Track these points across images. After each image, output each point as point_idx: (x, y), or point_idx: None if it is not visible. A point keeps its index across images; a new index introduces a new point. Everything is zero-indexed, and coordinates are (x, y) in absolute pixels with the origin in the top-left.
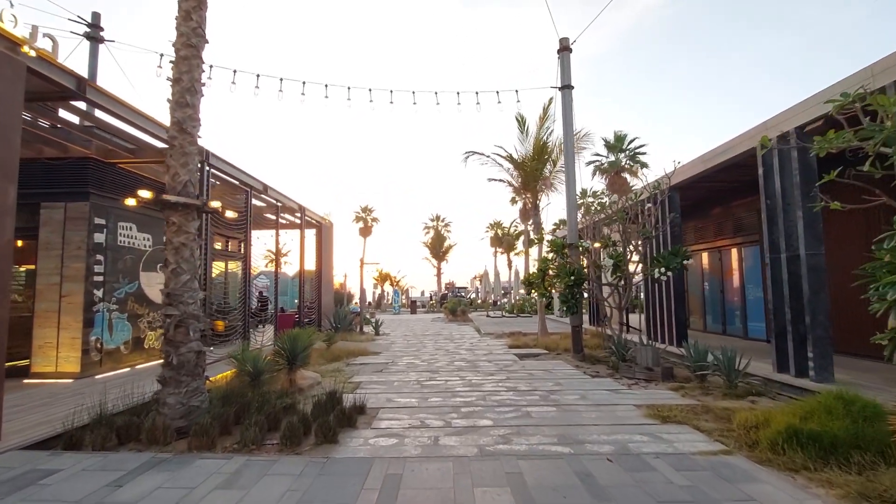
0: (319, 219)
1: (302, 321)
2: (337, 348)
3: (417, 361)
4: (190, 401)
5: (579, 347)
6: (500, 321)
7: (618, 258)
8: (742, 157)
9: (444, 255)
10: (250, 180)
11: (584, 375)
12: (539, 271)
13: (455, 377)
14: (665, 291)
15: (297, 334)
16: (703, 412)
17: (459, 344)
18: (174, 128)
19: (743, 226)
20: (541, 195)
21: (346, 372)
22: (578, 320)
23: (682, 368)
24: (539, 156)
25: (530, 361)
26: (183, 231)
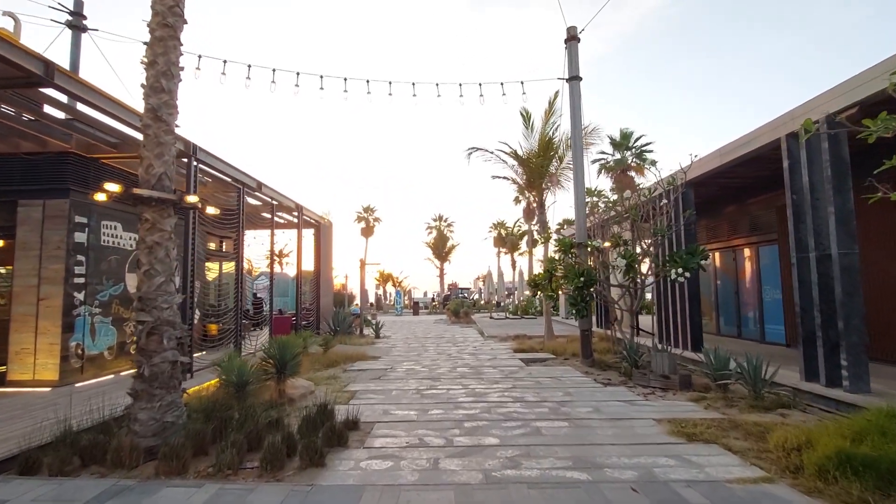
0: (318, 218)
1: (299, 324)
2: (334, 353)
3: (418, 367)
4: (164, 416)
5: (589, 352)
6: (504, 323)
7: (631, 258)
8: (764, 150)
9: (446, 256)
10: (242, 177)
11: (596, 384)
12: (546, 272)
13: (457, 385)
14: (679, 293)
15: (286, 341)
16: (731, 428)
17: (462, 348)
18: (148, 115)
19: (759, 224)
20: (546, 193)
21: (342, 379)
22: (588, 324)
23: (700, 376)
24: (544, 152)
25: (537, 367)
26: (157, 229)
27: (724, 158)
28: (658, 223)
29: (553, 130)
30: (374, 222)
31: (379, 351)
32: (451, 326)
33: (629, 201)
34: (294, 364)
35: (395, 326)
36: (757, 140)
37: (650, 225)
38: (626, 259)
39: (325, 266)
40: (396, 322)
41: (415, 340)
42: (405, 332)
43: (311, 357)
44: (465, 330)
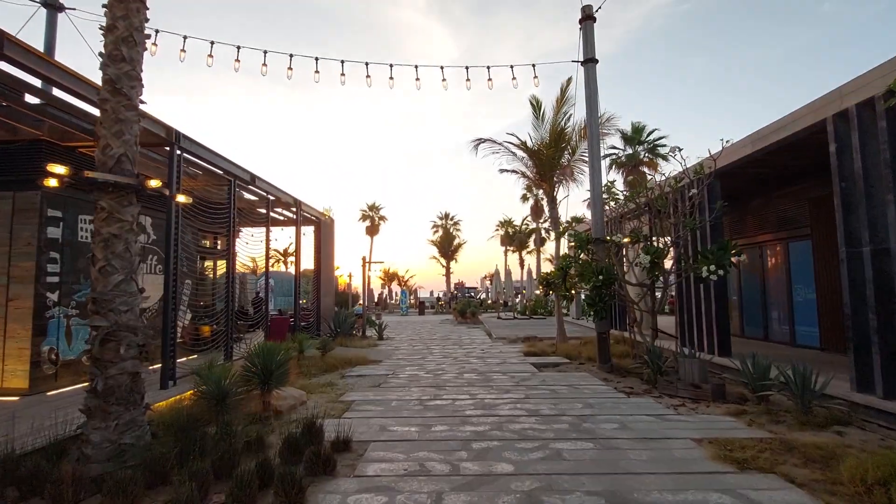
0: (318, 214)
1: (298, 325)
2: (333, 357)
3: (422, 373)
4: (121, 438)
5: (606, 357)
6: (512, 323)
7: (656, 254)
8: (803, 135)
9: (453, 255)
10: (234, 168)
11: (617, 393)
12: (559, 270)
13: (464, 395)
14: (704, 292)
15: (272, 346)
16: (784, 450)
17: (469, 350)
18: (106, 87)
19: (789, 218)
20: (558, 187)
21: (338, 387)
22: (606, 326)
23: (734, 384)
24: (556, 143)
25: (550, 373)
26: (115, 218)
27: (756, 145)
28: (685, 216)
29: (565, 120)
30: (380, 221)
31: (381, 354)
32: (457, 327)
33: (652, 192)
34: (281, 373)
35: (400, 327)
36: (796, 123)
37: (674, 219)
38: (650, 255)
39: (326, 264)
40: (401, 322)
41: (419, 342)
42: (410, 333)
43: (308, 361)
44: (471, 331)
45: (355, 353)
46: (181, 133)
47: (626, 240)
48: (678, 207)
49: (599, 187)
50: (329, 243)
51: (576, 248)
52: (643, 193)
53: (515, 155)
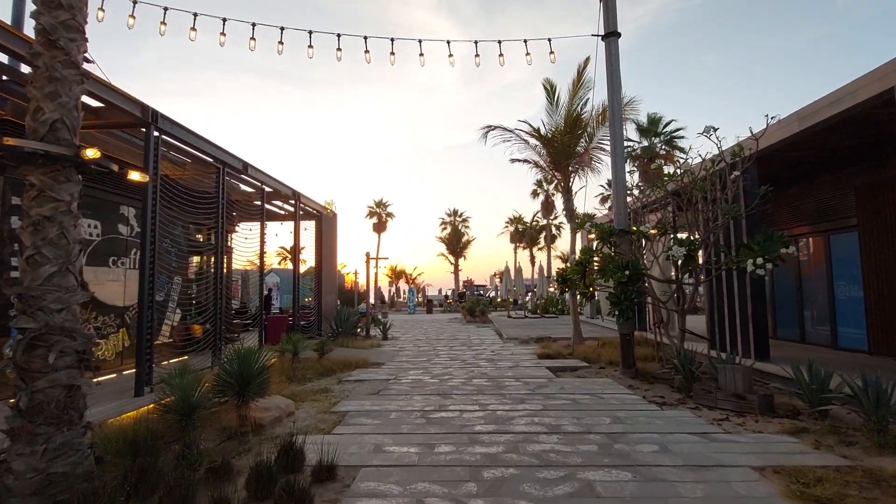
0: (319, 208)
1: (297, 325)
2: (332, 359)
3: (426, 378)
4: (52, 465)
5: (631, 362)
6: (524, 323)
7: (691, 246)
8: (863, 108)
9: (461, 252)
10: (223, 155)
11: (648, 403)
12: (577, 265)
13: (473, 405)
14: (739, 290)
15: (248, 352)
16: (871, 484)
17: (478, 352)
18: (38, 40)
19: (831, 208)
20: (573, 177)
21: (333, 394)
22: (631, 327)
23: (781, 394)
24: (572, 129)
25: (569, 379)
26: (48, 198)
27: (803, 123)
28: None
29: (581, 105)
30: (387, 217)
31: (384, 356)
32: (466, 326)
33: (685, 177)
34: (260, 381)
35: (406, 326)
36: (854, 95)
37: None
38: (684, 247)
39: (328, 261)
40: (408, 321)
41: (426, 343)
42: (416, 333)
43: (303, 364)
44: (481, 330)
45: (356, 354)
46: (159, 112)
47: (653, 231)
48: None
49: (622, 173)
50: (331, 238)
51: (597, 240)
52: (671, 180)
53: (528, 143)
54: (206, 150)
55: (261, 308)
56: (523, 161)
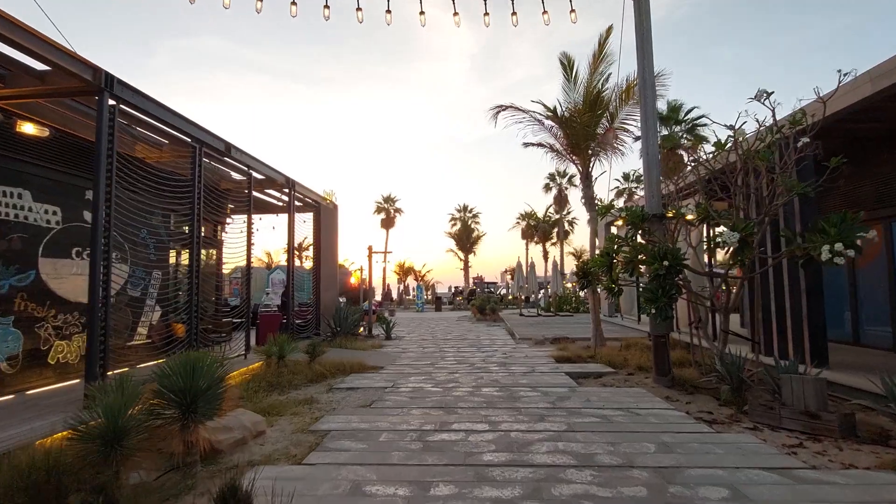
0: (317, 198)
1: (292, 323)
2: (324, 362)
3: (429, 386)
4: None
5: (666, 368)
6: (537, 322)
7: (746, 231)
8: None
9: (471, 247)
10: (199, 133)
11: (696, 422)
12: (603, 256)
13: (482, 424)
14: (790, 285)
15: (196, 358)
16: None
17: (489, 354)
18: None
19: (893, 192)
20: (593, 161)
21: (318, 406)
22: (666, 327)
23: (858, 410)
24: (592, 108)
25: (594, 388)
26: None
27: (877, 84)
28: (782, 177)
29: (603, 81)
30: (395, 213)
31: (384, 358)
32: (475, 325)
33: (738, 147)
34: (213, 396)
35: (413, 325)
36: None
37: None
38: (738, 231)
39: (327, 256)
40: (415, 319)
41: (432, 343)
42: (422, 332)
43: (291, 368)
44: (491, 330)
45: (353, 357)
46: (116, 78)
47: (691, 216)
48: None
49: (655, 152)
50: (331, 232)
51: (627, 226)
52: (723, 150)
53: (543, 124)
54: (179, 127)
55: (247, 306)
56: (537, 145)
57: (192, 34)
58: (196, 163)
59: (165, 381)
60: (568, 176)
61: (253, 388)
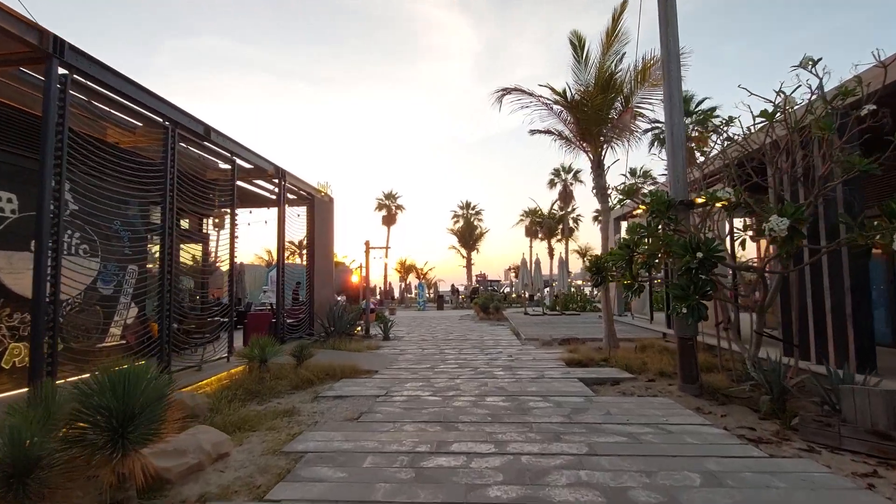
0: (311, 190)
1: (282, 323)
2: (313, 366)
3: (426, 394)
4: None
5: (693, 374)
6: (542, 321)
7: (796, 216)
8: None
9: (474, 244)
10: (171, 112)
11: (740, 441)
12: (621, 249)
13: (486, 444)
14: (830, 281)
15: (133, 372)
16: None
17: (493, 357)
18: None
19: None
20: (605, 148)
21: (300, 417)
22: (693, 329)
23: None
24: (604, 90)
25: (613, 398)
26: None
27: None
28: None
29: (616, 62)
30: (397, 210)
31: (379, 361)
32: (478, 324)
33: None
34: (150, 418)
35: (413, 324)
36: None
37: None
38: (788, 217)
39: (322, 251)
40: (416, 319)
41: (432, 344)
42: (422, 332)
43: (276, 374)
44: (495, 329)
45: (346, 359)
46: (67, 43)
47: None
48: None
49: (681, 129)
50: (327, 226)
51: (649, 214)
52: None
53: (551, 109)
54: (148, 105)
55: (230, 304)
56: (545, 132)
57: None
58: (168, 146)
59: (90, 399)
60: (573, 171)
61: (228, 396)
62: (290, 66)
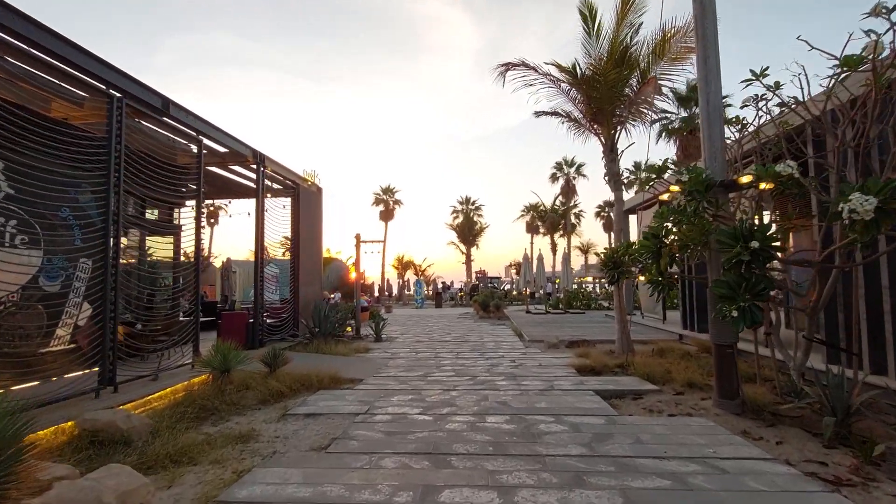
0: (296, 178)
1: (260, 324)
2: (287, 375)
3: (415, 412)
4: None
5: (733, 388)
6: (546, 320)
7: (884, 192)
8: None
9: (474, 240)
10: (116, 79)
11: (821, 488)
12: (648, 239)
13: (486, 491)
14: (890, 278)
15: None
16: None
17: (495, 362)
18: None
19: None
20: (618, 131)
21: (258, 444)
22: (735, 335)
23: None
24: (618, 65)
25: (641, 419)
26: None
27: None
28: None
29: (632, 34)
30: (395, 205)
31: (366, 367)
32: (478, 323)
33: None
34: None
35: (409, 323)
36: None
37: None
38: (875, 196)
39: (309, 245)
40: (413, 317)
41: (427, 346)
42: (418, 332)
43: (241, 384)
44: (496, 329)
45: (327, 365)
46: None
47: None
48: None
49: (718, 97)
50: (314, 218)
51: (684, 197)
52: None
53: (559, 86)
54: (84, 67)
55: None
56: (551, 114)
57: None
58: (113, 119)
59: None
60: (576, 165)
61: (176, 415)
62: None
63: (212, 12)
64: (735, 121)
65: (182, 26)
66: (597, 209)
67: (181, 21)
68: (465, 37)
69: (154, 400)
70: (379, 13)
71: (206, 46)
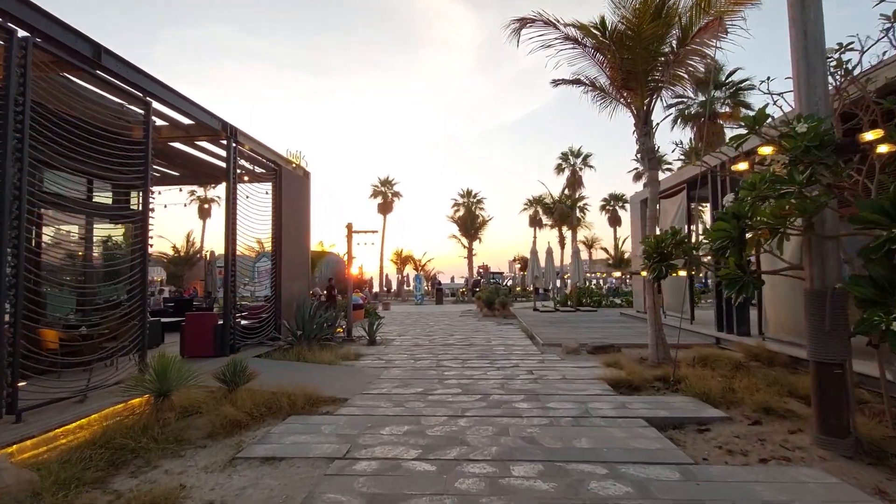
0: (276, 159)
1: (232, 326)
2: (252, 393)
3: (410, 458)
4: None
5: (843, 422)
6: (556, 318)
7: None
8: None
9: (476, 234)
10: (17, 9)
11: None
12: (727, 220)
13: None
14: None
15: None
16: None
17: (508, 375)
18: None
19: None
20: (654, 99)
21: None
22: (844, 350)
23: None
24: (655, 18)
25: (723, 469)
26: None
27: None
28: None
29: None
30: (394, 197)
31: (353, 380)
32: (482, 323)
33: None
34: None
35: (408, 322)
36: None
37: None
38: None
39: (293, 236)
40: (412, 314)
41: (427, 351)
42: (417, 332)
43: (188, 409)
44: (503, 330)
45: (307, 378)
46: None
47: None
48: None
49: (818, 28)
50: (299, 205)
51: (789, 156)
52: None
53: (584, 48)
54: None
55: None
56: (573, 82)
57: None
58: (13, 63)
59: None
60: (582, 156)
61: (83, 461)
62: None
63: (211, 4)
64: (838, 64)
65: (180, 18)
66: (602, 202)
67: (179, 13)
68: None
69: (70, 433)
70: (379, 6)
71: (205, 39)
